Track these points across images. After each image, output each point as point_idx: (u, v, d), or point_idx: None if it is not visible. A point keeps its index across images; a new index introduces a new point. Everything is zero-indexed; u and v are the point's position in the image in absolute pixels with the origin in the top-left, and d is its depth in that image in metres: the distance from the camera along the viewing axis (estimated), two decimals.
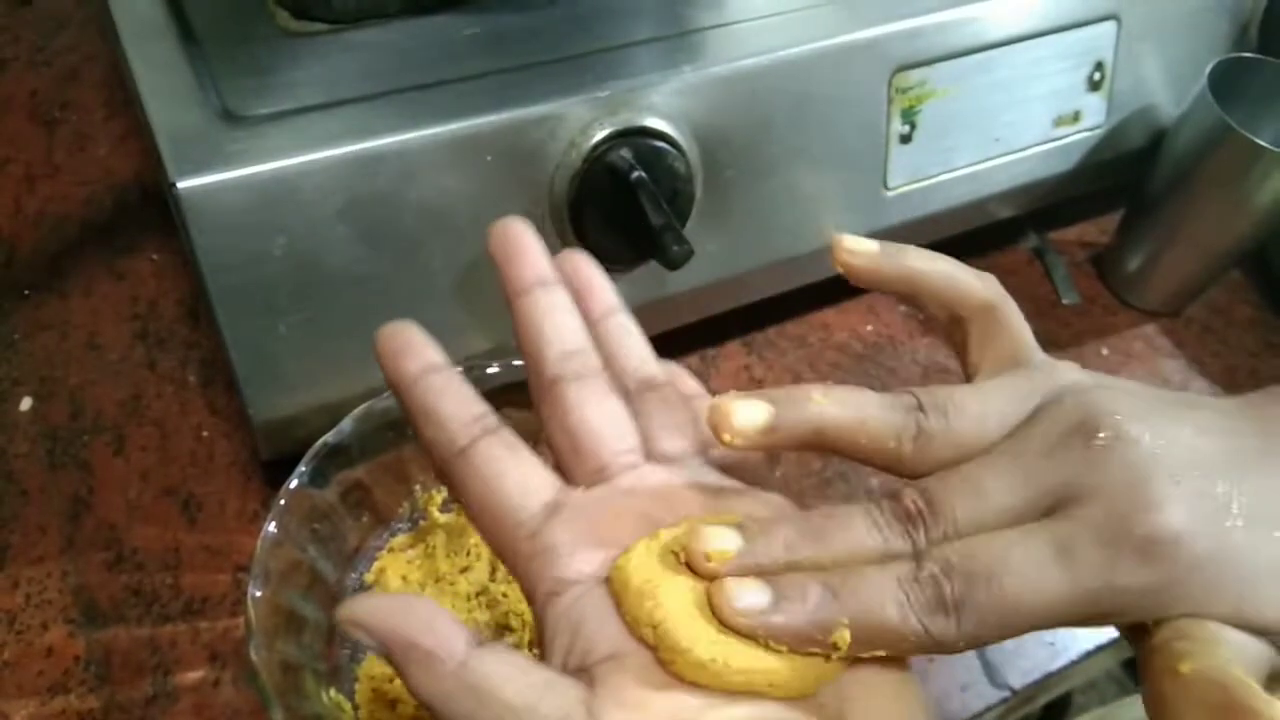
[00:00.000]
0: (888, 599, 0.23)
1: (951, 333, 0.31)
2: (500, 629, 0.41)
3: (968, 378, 0.30)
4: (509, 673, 0.23)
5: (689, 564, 0.24)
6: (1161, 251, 0.59)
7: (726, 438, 0.26)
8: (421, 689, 0.23)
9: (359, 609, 0.24)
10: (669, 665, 0.23)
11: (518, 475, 0.26)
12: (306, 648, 0.38)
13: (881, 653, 0.24)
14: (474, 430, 0.26)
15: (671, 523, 0.26)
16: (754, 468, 0.30)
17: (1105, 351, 0.60)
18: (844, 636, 0.23)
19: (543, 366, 0.28)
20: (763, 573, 0.24)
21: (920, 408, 0.26)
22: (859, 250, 0.30)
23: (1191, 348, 0.61)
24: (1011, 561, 0.23)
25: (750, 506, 0.27)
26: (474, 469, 0.26)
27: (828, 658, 0.24)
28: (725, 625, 0.23)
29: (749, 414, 0.26)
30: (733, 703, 0.23)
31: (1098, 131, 0.57)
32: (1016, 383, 0.27)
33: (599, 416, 0.28)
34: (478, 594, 0.41)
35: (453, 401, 0.27)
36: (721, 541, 0.24)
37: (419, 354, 0.28)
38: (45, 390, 0.50)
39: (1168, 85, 0.58)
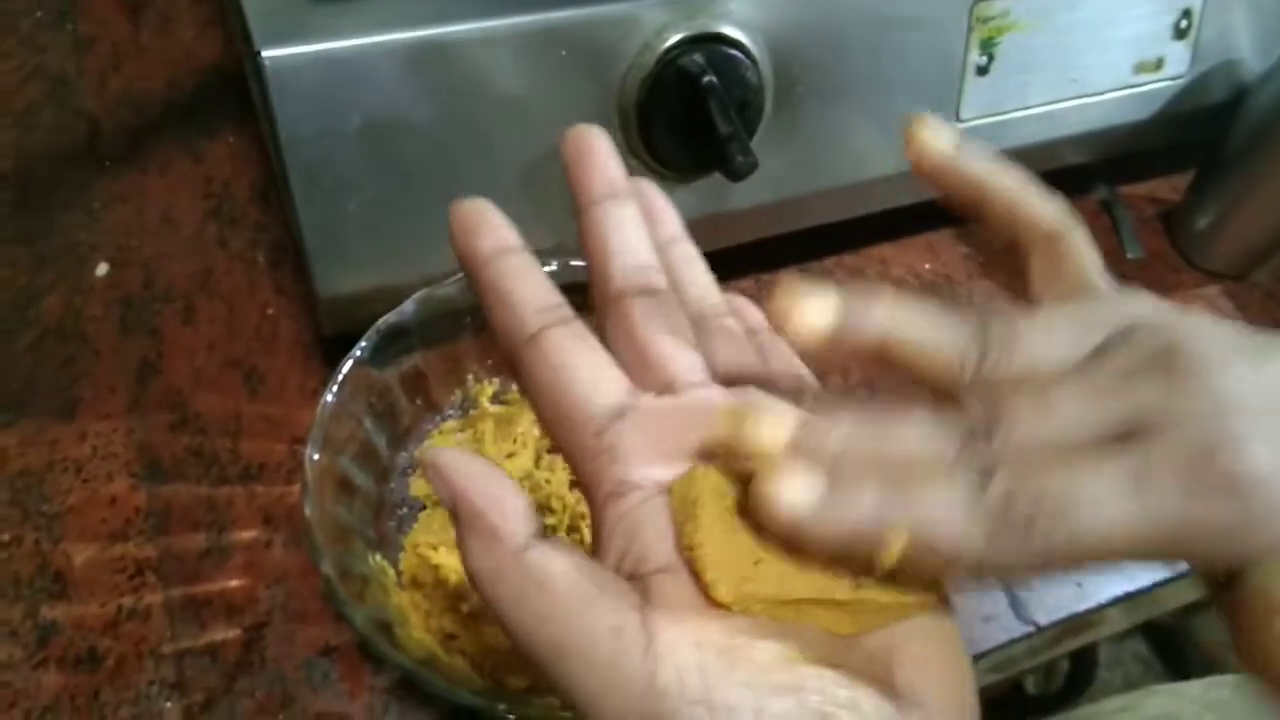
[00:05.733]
0: (955, 508, 0.21)
1: (1011, 258, 0.29)
2: (542, 509, 0.42)
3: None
4: (565, 569, 0.22)
5: (732, 449, 0.23)
6: (1232, 211, 0.58)
7: (789, 329, 0.24)
8: (473, 560, 0.23)
9: (441, 456, 0.23)
10: (705, 591, 0.22)
11: (589, 368, 0.25)
12: (357, 514, 0.40)
13: (923, 574, 0.22)
14: (547, 318, 0.25)
15: None
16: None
17: None
18: (896, 547, 0.21)
19: (609, 279, 0.27)
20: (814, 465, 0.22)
21: (984, 333, 0.25)
22: (938, 139, 0.28)
23: (1253, 313, 0.60)
24: (1085, 485, 0.21)
25: None
26: (543, 357, 0.25)
27: (867, 574, 0.22)
28: (765, 526, 0.22)
29: (817, 313, 0.24)
30: (787, 635, 0.22)
31: (1179, 81, 0.56)
32: (1084, 313, 0.26)
33: (667, 331, 0.26)
34: (522, 479, 0.43)
35: (526, 286, 0.26)
36: (774, 427, 0.22)
37: (493, 233, 0.26)
38: (121, 259, 0.52)
39: (1255, 39, 0.57)
